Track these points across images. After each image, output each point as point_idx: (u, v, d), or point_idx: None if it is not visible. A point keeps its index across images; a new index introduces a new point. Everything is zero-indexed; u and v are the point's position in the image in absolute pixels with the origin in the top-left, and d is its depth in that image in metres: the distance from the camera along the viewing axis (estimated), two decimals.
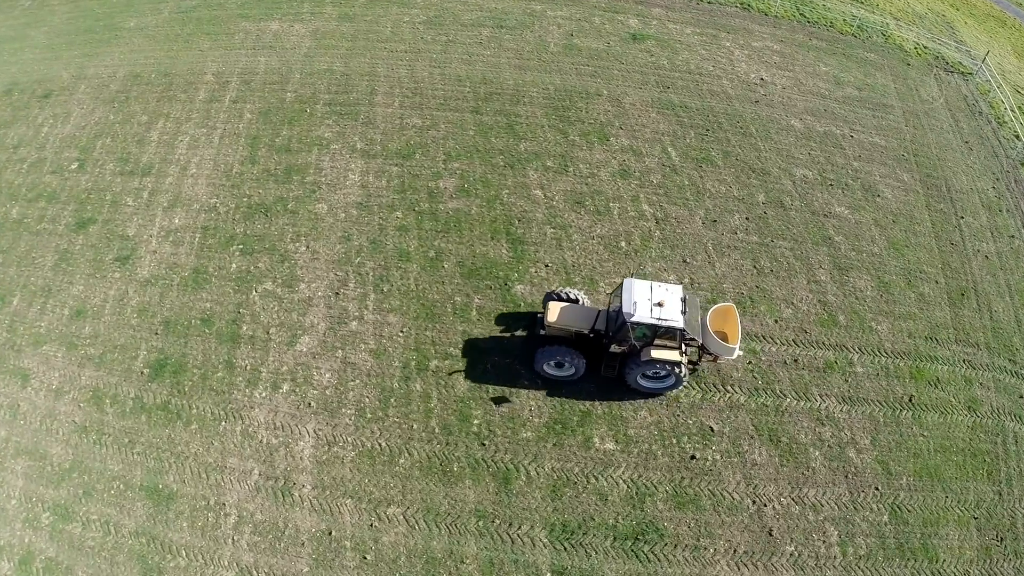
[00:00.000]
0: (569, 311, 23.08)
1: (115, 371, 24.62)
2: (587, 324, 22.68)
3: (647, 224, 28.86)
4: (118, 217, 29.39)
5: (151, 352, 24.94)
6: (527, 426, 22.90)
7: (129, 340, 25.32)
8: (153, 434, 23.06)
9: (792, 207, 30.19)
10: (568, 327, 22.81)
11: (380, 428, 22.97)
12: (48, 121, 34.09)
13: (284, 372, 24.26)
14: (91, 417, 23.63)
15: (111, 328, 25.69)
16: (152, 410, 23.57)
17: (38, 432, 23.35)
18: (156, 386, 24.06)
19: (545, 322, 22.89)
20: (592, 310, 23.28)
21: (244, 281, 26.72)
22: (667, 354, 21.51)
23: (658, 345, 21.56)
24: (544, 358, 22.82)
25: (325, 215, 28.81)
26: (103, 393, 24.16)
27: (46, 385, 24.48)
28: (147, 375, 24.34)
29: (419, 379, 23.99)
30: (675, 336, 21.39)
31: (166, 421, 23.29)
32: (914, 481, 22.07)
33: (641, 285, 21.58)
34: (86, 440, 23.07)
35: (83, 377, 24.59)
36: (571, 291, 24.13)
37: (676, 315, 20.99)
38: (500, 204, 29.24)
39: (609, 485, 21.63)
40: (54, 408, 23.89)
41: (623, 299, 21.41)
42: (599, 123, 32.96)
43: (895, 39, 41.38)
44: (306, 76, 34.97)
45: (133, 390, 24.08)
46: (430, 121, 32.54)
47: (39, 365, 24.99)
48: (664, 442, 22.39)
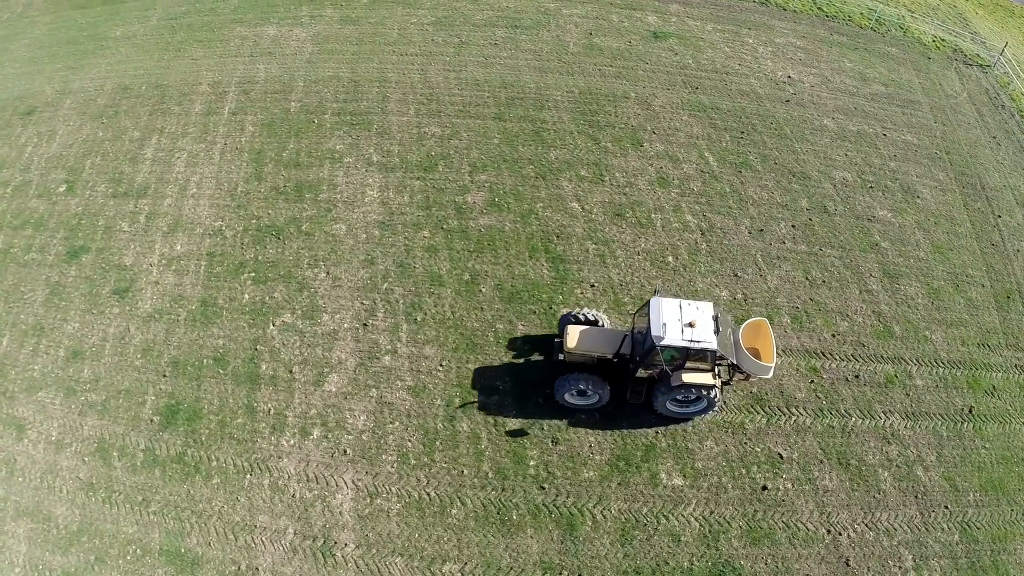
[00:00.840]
0: (590, 335, 21.35)
1: (121, 419, 22.29)
2: (611, 349, 21.02)
3: (692, 236, 27.01)
4: (113, 244, 26.81)
5: (160, 397, 22.53)
6: (588, 465, 21.16)
7: (134, 384, 22.88)
8: (169, 490, 20.75)
9: (836, 212, 28.75)
10: (590, 352, 21.15)
11: (427, 475, 20.86)
12: (32, 140, 31.39)
13: (313, 416, 21.89)
14: (98, 472, 21.33)
15: (113, 370, 23.23)
16: (166, 463, 21.19)
17: (39, 490, 21.07)
18: (169, 435, 21.64)
19: (564, 348, 21.08)
20: (616, 333, 21.64)
21: (259, 314, 24.27)
22: (700, 377, 20.04)
23: (689, 368, 20.05)
24: (565, 387, 21.16)
25: (344, 236, 26.44)
26: (109, 444, 21.86)
27: (44, 436, 22.16)
28: (157, 423, 21.93)
29: (465, 418, 21.78)
30: (707, 357, 19.85)
31: (183, 475, 20.94)
32: (980, 496, 21.29)
33: (669, 304, 19.94)
34: (94, 498, 20.81)
35: (85, 427, 22.23)
36: (590, 312, 22.37)
37: (709, 335, 19.43)
38: (535, 219, 27.07)
39: (680, 524, 20.17)
40: (55, 462, 21.59)
41: (651, 321, 19.71)
42: (630, 127, 30.93)
43: (913, 32, 40.23)
44: (310, 84, 32.53)
45: (143, 440, 21.72)
46: (450, 129, 30.27)
47: (35, 414, 22.65)
48: (734, 473, 21.11)
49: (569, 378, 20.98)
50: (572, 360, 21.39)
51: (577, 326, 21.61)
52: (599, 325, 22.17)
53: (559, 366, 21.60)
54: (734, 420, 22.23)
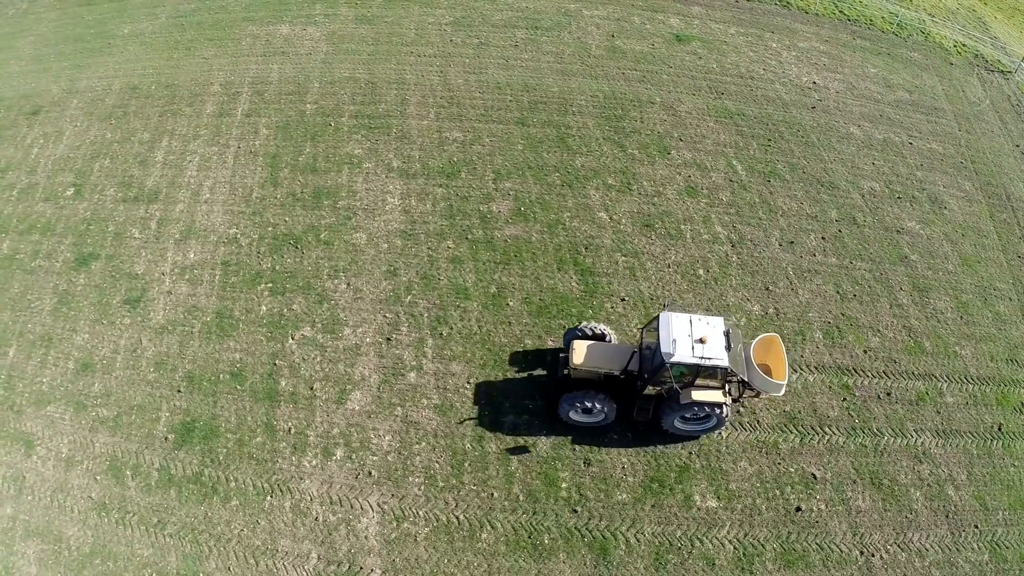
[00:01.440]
0: (597, 351, 20.71)
1: (134, 436, 21.47)
2: (619, 365, 20.41)
3: (723, 248, 26.32)
4: (123, 252, 25.89)
5: (174, 413, 21.71)
6: (621, 487, 20.58)
7: (147, 399, 22.04)
8: (186, 512, 19.94)
9: (865, 224, 28.23)
10: (597, 369, 20.48)
11: (455, 498, 20.14)
12: (38, 141, 30.41)
13: (336, 435, 21.06)
14: (110, 492, 20.56)
15: (125, 384, 22.34)
16: (182, 483, 20.37)
17: (50, 509, 20.28)
18: (184, 454, 20.79)
19: (570, 364, 20.41)
20: (624, 349, 21.03)
21: (277, 326, 23.37)
22: (710, 395, 19.59)
23: (699, 385, 19.54)
24: (571, 405, 20.52)
25: (365, 246, 25.56)
26: (122, 463, 21.08)
27: (54, 453, 21.37)
28: (172, 441, 21.09)
29: (494, 438, 21.04)
30: (717, 374, 19.35)
31: (200, 496, 20.10)
32: (1010, 515, 21.05)
33: (679, 320, 19.39)
34: (107, 519, 20.02)
35: (97, 443, 21.44)
36: (596, 326, 21.68)
37: (720, 352, 18.95)
38: (563, 229, 26.25)
39: (715, 548, 19.69)
40: (66, 480, 20.81)
41: (660, 337, 19.11)
42: (656, 134, 30.13)
43: (934, 37, 39.70)
44: (326, 85, 31.60)
45: (157, 459, 20.93)
46: (472, 135, 29.39)
47: (44, 429, 21.87)
48: (768, 495, 20.67)
49: (575, 395, 20.31)
50: (578, 376, 20.72)
51: (583, 341, 20.97)
52: (606, 340, 21.47)
53: (564, 382, 20.93)
54: (768, 440, 21.75)
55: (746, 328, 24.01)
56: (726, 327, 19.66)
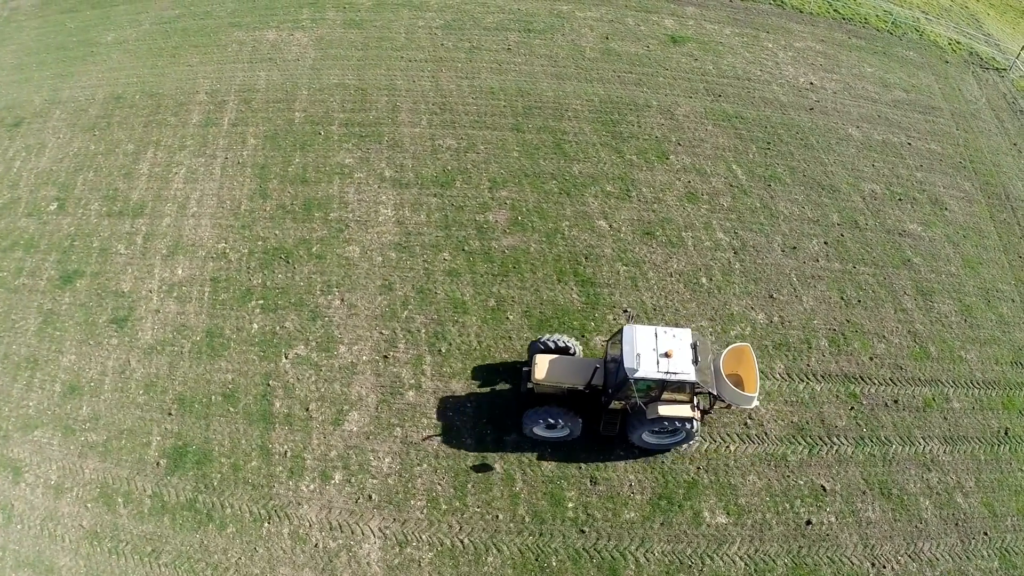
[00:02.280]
0: (560, 365, 20.18)
1: (124, 462, 20.89)
2: (582, 380, 19.85)
3: (725, 255, 25.91)
4: (109, 268, 25.18)
5: (166, 437, 21.07)
6: (629, 505, 20.20)
7: (137, 423, 21.40)
8: (181, 540, 19.42)
9: (867, 227, 27.96)
10: (560, 384, 20.00)
11: (459, 521, 19.70)
12: (20, 154, 29.60)
13: (334, 458, 20.47)
14: (102, 520, 19.95)
15: (114, 408, 21.71)
16: (176, 510, 19.76)
17: (39, 539, 19.64)
18: (177, 480, 20.17)
19: (533, 378, 19.89)
20: (588, 363, 20.45)
21: (270, 345, 22.72)
22: (677, 410, 19.19)
23: (666, 400, 19.12)
24: (534, 420, 20.02)
25: (358, 260, 24.95)
26: (113, 490, 20.48)
27: (43, 480, 20.73)
28: (165, 466, 20.46)
29: (498, 458, 20.53)
30: (686, 388, 18.91)
31: (195, 524, 19.50)
32: (1018, 521, 20.92)
33: (644, 332, 18.90)
34: (99, 549, 19.41)
35: (86, 470, 20.83)
36: (560, 338, 21.18)
37: (686, 366, 18.45)
38: (562, 239, 25.71)
39: (726, 565, 19.33)
40: (55, 509, 20.16)
41: (623, 351, 18.66)
42: (654, 139, 29.63)
43: (929, 35, 39.51)
44: (315, 92, 30.88)
45: (150, 485, 20.32)
46: (466, 142, 28.77)
47: (31, 455, 21.23)
48: (777, 508, 20.34)
49: (538, 411, 19.85)
50: (541, 391, 20.22)
51: (546, 355, 20.44)
52: (570, 353, 20.94)
53: (527, 397, 20.43)
54: (776, 452, 21.42)
55: (752, 339, 23.53)
56: (693, 339, 19.19)
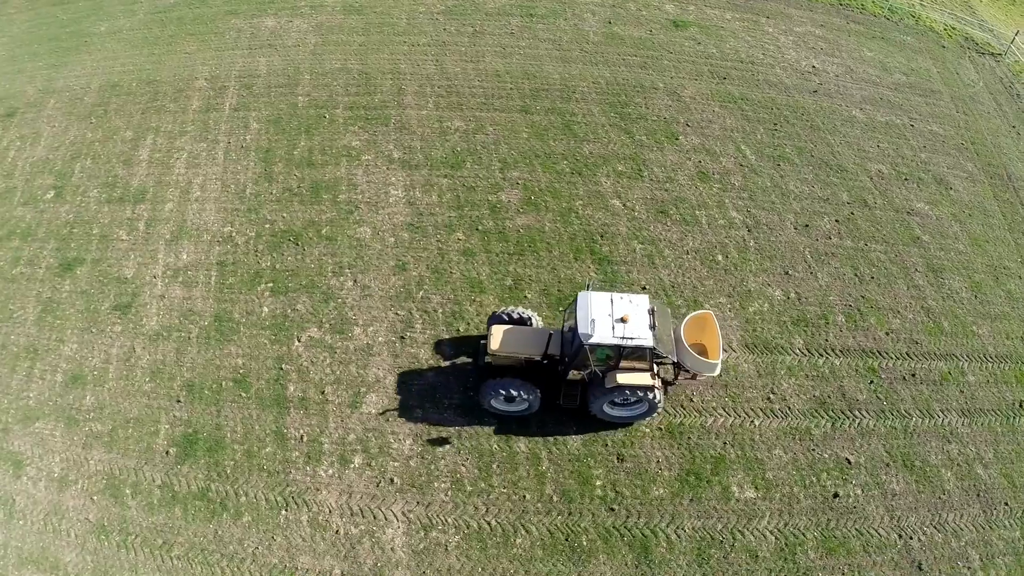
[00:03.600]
0: (515, 335, 19.38)
1: (131, 452, 19.70)
2: (538, 349, 19.12)
3: (739, 233, 25.26)
4: (111, 255, 23.95)
5: (175, 425, 19.92)
6: (657, 482, 19.43)
7: (144, 411, 20.24)
8: (194, 531, 18.25)
9: (876, 206, 27.58)
10: (516, 354, 19.15)
11: (485, 502, 18.74)
12: (15, 144, 28.30)
13: (352, 441, 19.43)
14: (109, 512, 18.73)
15: (119, 396, 20.51)
16: (188, 500, 18.61)
17: (43, 534, 18.39)
18: (188, 469, 19.02)
19: (488, 349, 19.01)
20: (542, 332, 19.68)
21: (282, 328, 21.63)
22: (636, 378, 18.33)
23: (625, 368, 18.28)
24: (491, 392, 19.08)
25: (370, 240, 23.92)
26: (120, 481, 19.26)
27: (46, 473, 19.47)
28: (174, 455, 19.31)
29: (523, 438, 19.60)
30: (644, 356, 18.05)
31: (208, 514, 18.38)
32: None
33: (599, 298, 18.15)
34: (107, 543, 18.20)
35: (91, 461, 19.61)
36: (519, 310, 20.40)
37: (643, 331, 17.74)
38: (576, 217, 24.85)
39: (756, 539, 18.73)
40: (59, 502, 18.92)
41: (577, 317, 17.92)
42: (663, 120, 28.92)
43: (925, 20, 39.34)
44: (318, 77, 29.85)
45: (159, 475, 19.17)
46: (475, 124, 27.87)
47: (33, 447, 19.96)
48: (804, 482, 19.80)
49: (495, 383, 18.91)
50: (498, 363, 19.35)
51: (502, 326, 19.59)
52: (530, 325, 20.14)
53: (487, 370, 19.53)
54: (800, 426, 20.91)
55: (770, 315, 22.85)
56: (651, 305, 18.46)
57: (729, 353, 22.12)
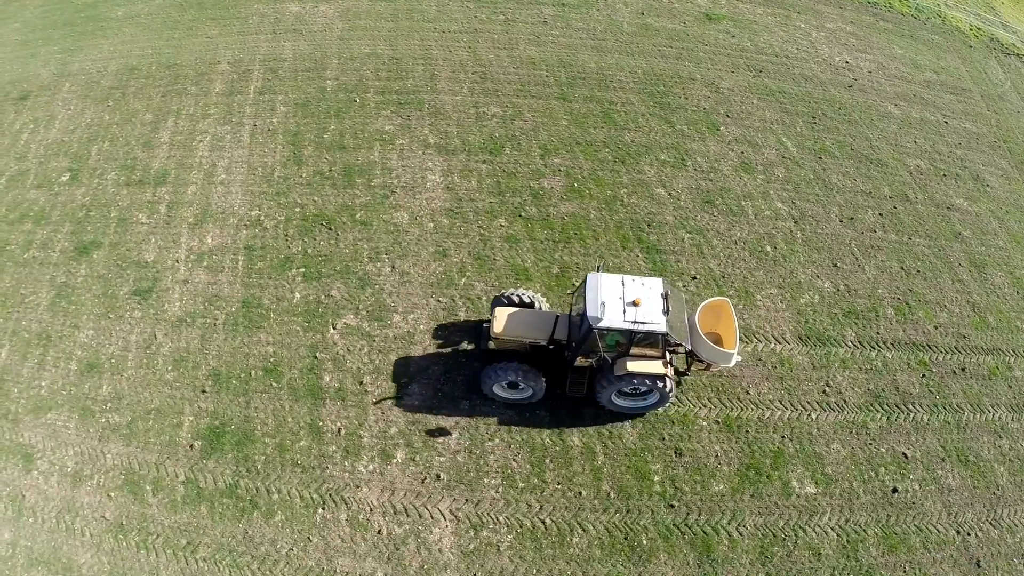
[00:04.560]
0: (520, 318, 17.81)
1: (153, 445, 17.98)
2: (544, 333, 17.58)
3: (786, 224, 23.84)
4: (130, 239, 22.19)
5: (200, 417, 18.14)
6: (717, 477, 18.02)
7: (166, 401, 18.46)
8: (221, 531, 16.49)
9: (917, 200, 26.40)
10: (520, 338, 17.60)
11: (539, 499, 17.17)
12: (28, 126, 26.59)
13: (394, 435, 17.69)
14: (128, 510, 17.01)
15: (139, 386, 18.71)
16: (214, 497, 16.82)
17: (56, 533, 16.69)
18: (215, 464, 17.22)
19: (491, 333, 17.37)
20: (548, 315, 18.17)
21: (315, 315, 19.90)
22: (647, 366, 16.75)
23: (635, 355, 16.75)
24: (493, 378, 17.51)
25: (408, 226, 22.26)
26: (140, 476, 17.54)
27: (58, 467, 17.76)
28: (199, 449, 17.55)
29: (576, 430, 17.93)
30: (656, 342, 16.44)
31: (237, 512, 16.59)
32: None
33: (610, 281, 16.70)
34: (125, 543, 16.51)
35: (108, 455, 17.87)
36: (525, 293, 18.81)
37: (656, 316, 16.23)
38: (621, 206, 23.30)
39: (819, 536, 17.48)
40: (73, 499, 17.21)
41: (587, 299, 16.45)
42: (703, 110, 27.48)
43: (951, 20, 38.42)
44: (346, 61, 28.28)
45: (182, 471, 17.40)
46: (512, 110, 26.33)
47: (45, 440, 18.21)
48: (863, 477, 18.65)
49: (497, 368, 17.37)
50: (501, 347, 17.86)
51: (506, 308, 18.00)
52: (534, 308, 18.56)
53: (489, 355, 18.07)
54: (856, 419, 19.77)
55: (821, 307, 21.48)
56: (664, 289, 16.87)
57: (783, 344, 20.82)
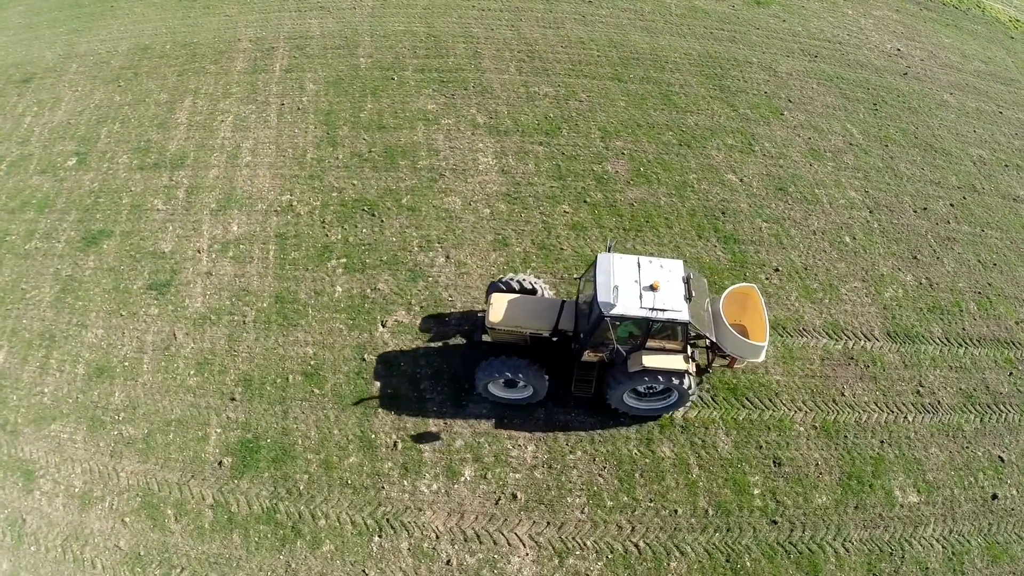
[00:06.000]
0: (520, 305, 15.00)
1: (174, 462, 15.10)
2: (547, 323, 14.79)
3: (861, 214, 21.56)
4: (144, 227, 19.13)
5: (229, 429, 15.18)
6: (819, 488, 15.47)
7: (189, 411, 15.49)
8: (258, 563, 13.65)
9: (984, 191, 24.21)
10: (520, 328, 14.76)
11: (630, 520, 14.43)
12: (31, 109, 23.60)
13: (460, 449, 14.68)
14: (146, 539, 14.07)
15: (156, 393, 15.74)
16: (249, 524, 13.81)
17: (61, 564, 13.78)
18: (248, 484, 14.24)
19: (487, 322, 14.67)
20: (552, 302, 15.35)
21: (360, 311, 16.86)
22: (667, 361, 14.05)
23: (652, 349, 14.05)
24: (487, 374, 14.64)
25: (461, 212, 19.30)
26: (160, 499, 14.61)
27: (64, 487, 14.81)
28: (229, 467, 14.58)
29: (666, 439, 15.08)
30: (677, 333, 13.84)
31: (277, 541, 13.62)
32: None
33: (624, 262, 14.04)
34: None
35: (122, 473, 14.96)
36: (526, 278, 15.89)
37: (678, 303, 13.58)
38: (692, 192, 20.48)
39: (924, 550, 15.25)
40: (82, 524, 14.28)
41: (597, 283, 13.74)
42: (764, 94, 24.87)
43: (991, 11, 36.45)
44: (379, 39, 25.39)
45: (210, 492, 14.48)
46: (565, 89, 23.51)
47: (48, 455, 15.29)
48: (963, 483, 16.51)
49: (494, 363, 14.54)
50: (499, 339, 15.01)
51: (504, 295, 15.12)
52: (537, 294, 15.68)
53: (487, 348, 15.21)
54: (951, 421, 17.61)
55: (904, 301, 19.37)
56: (686, 272, 14.14)
57: (872, 342, 18.36)
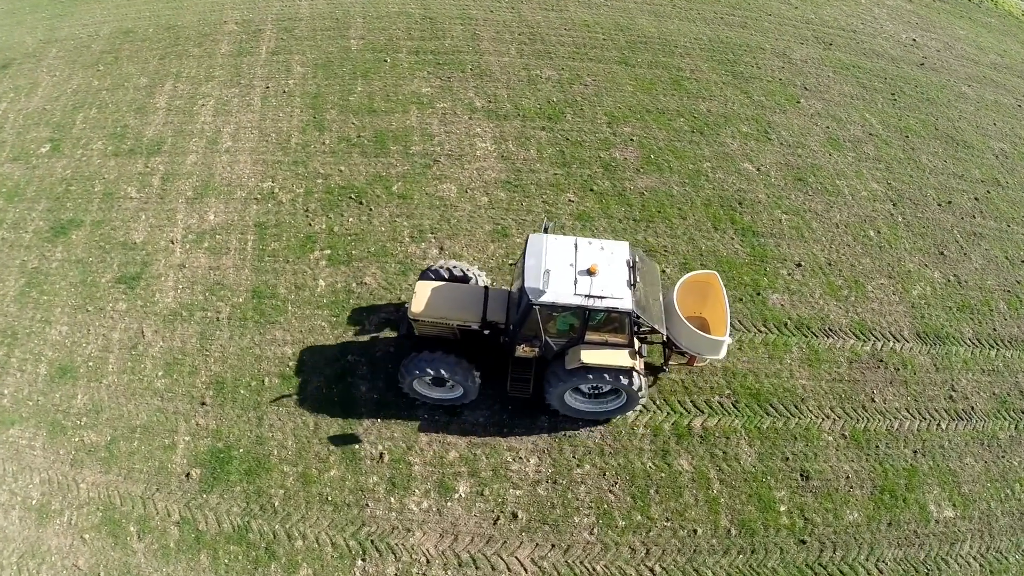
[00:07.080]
0: (445, 294, 13.24)
1: (138, 473, 13.47)
2: (474, 314, 12.95)
3: (884, 207, 20.06)
4: (115, 216, 17.42)
5: (198, 437, 13.69)
6: (850, 504, 13.94)
7: (156, 417, 14.01)
8: None
9: (1008, 185, 22.70)
10: (445, 319, 12.95)
11: (644, 542, 12.73)
12: (7, 95, 22.13)
13: (455, 461, 12.93)
14: (106, 558, 12.42)
15: (122, 396, 14.31)
16: (218, 544, 12.30)
17: None
18: (218, 499, 12.63)
19: (408, 313, 13.07)
20: (477, 290, 13.50)
21: (345, 307, 15.15)
22: (609, 357, 12.23)
23: (593, 343, 12.24)
24: (412, 372, 12.86)
25: (457, 200, 17.53)
26: (122, 514, 12.94)
27: (20, 499, 13.22)
28: (198, 479, 13.05)
29: (683, 451, 13.39)
30: (621, 325, 11.98)
31: (250, 563, 12.16)
32: None
33: (559, 244, 12.25)
34: None
35: (83, 484, 13.35)
36: (458, 265, 14.05)
37: (619, 289, 11.73)
38: (707, 181, 18.77)
39: (962, 568, 13.86)
40: (39, 540, 12.69)
41: (526, 268, 11.96)
42: (778, 81, 23.20)
43: (1002, 4, 34.73)
44: (372, 20, 23.71)
45: (176, 507, 12.95)
46: (568, 73, 21.78)
47: (5, 462, 13.76)
48: (1000, 495, 15.08)
49: (419, 359, 12.73)
50: (425, 333, 13.20)
51: (429, 283, 13.29)
52: (469, 282, 13.91)
53: (415, 342, 13.36)
54: (986, 429, 16.18)
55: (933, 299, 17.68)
56: (632, 255, 12.21)
57: (902, 343, 16.74)
